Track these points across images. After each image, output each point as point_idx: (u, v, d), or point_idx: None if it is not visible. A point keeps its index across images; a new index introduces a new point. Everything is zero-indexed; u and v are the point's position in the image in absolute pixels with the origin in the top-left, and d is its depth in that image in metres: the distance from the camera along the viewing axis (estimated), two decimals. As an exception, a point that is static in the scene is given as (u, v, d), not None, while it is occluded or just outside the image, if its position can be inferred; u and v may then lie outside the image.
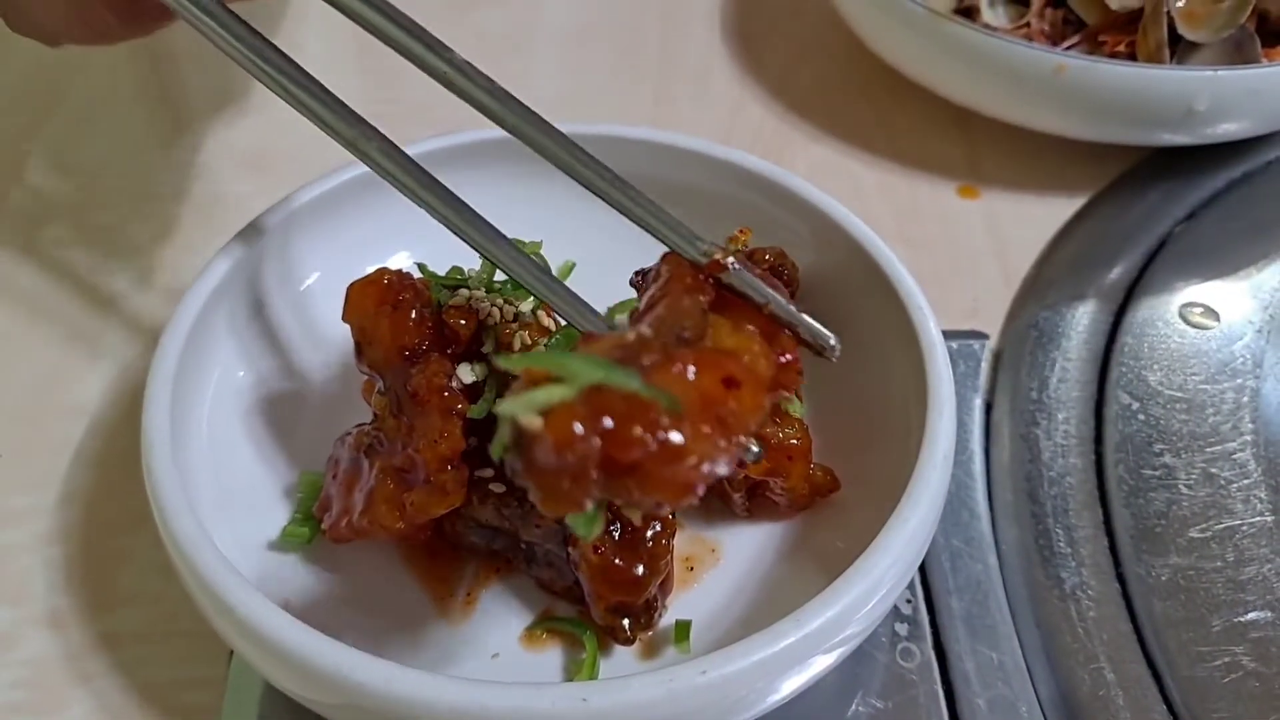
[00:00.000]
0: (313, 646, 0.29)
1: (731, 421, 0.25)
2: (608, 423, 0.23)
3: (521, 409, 0.23)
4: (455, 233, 0.35)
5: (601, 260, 0.45)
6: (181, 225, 0.54)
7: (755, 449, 0.27)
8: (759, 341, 0.29)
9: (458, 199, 0.35)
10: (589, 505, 0.24)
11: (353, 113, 0.36)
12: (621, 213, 0.34)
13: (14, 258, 0.52)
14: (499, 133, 0.45)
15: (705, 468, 0.24)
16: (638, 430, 0.23)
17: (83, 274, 0.51)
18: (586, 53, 0.66)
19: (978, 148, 0.59)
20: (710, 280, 0.30)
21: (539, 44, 0.67)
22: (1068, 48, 0.58)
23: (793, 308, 0.30)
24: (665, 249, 0.32)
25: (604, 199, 0.35)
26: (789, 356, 0.30)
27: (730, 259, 0.31)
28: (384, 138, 0.36)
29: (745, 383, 0.26)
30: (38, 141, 0.58)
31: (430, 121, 0.46)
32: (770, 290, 0.30)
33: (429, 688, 0.29)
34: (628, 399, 0.24)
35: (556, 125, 0.45)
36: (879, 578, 0.32)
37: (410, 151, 0.43)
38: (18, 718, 0.36)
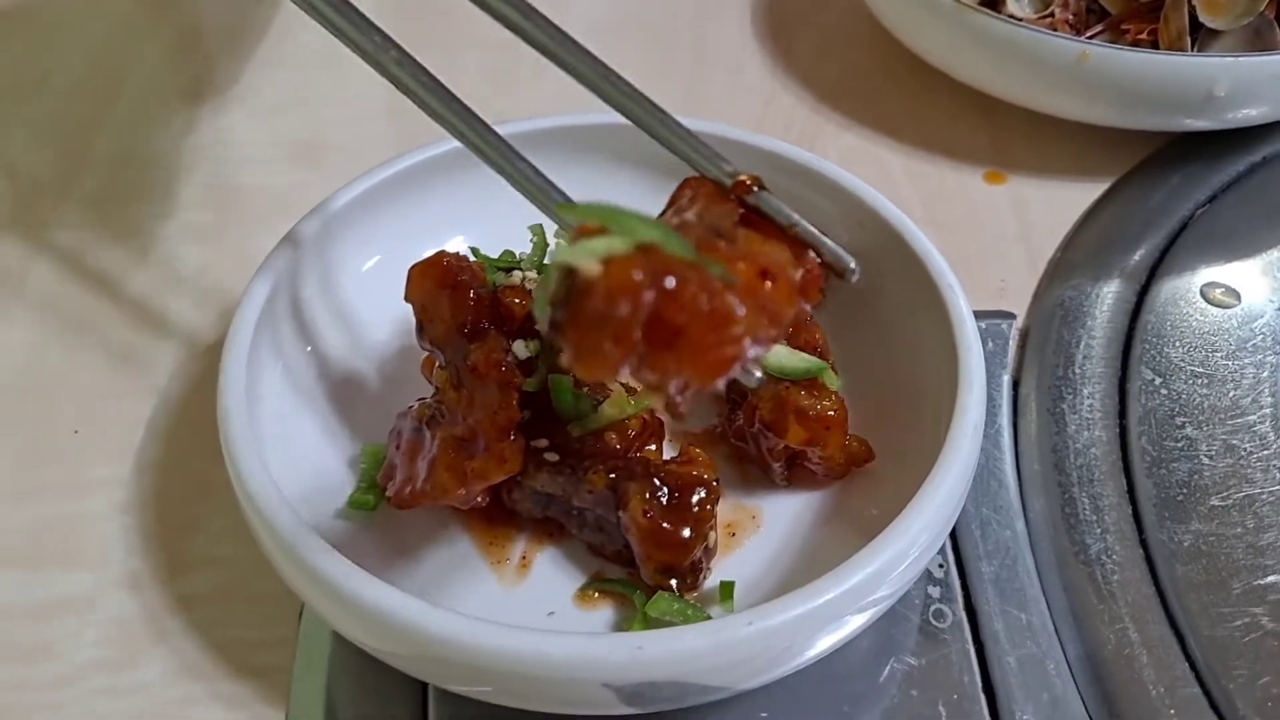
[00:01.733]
0: (390, 600, 0.32)
1: (771, 308, 0.26)
2: (667, 281, 0.23)
3: (581, 254, 0.23)
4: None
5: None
6: (238, 213, 0.56)
7: (759, 375, 0.28)
8: (786, 251, 0.30)
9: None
10: (623, 372, 0.23)
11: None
12: (655, 138, 0.35)
13: (83, 244, 0.54)
14: (549, 122, 0.47)
15: (747, 345, 0.24)
16: (694, 289, 0.23)
17: (148, 259, 0.54)
18: (618, 44, 0.67)
19: (1003, 134, 0.61)
20: (737, 200, 0.31)
21: (571, 33, 0.68)
22: (1091, 36, 0.59)
23: (815, 230, 0.31)
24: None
25: (637, 124, 0.36)
26: (811, 270, 0.30)
27: (755, 184, 0.31)
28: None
29: (779, 277, 0.27)
30: (100, 133, 0.61)
31: (485, 113, 0.48)
32: (794, 213, 0.31)
33: (495, 637, 0.31)
34: (682, 262, 0.24)
35: (591, 116, 0.48)
36: (912, 539, 0.34)
37: (454, 144, 0.46)
38: (103, 673, 0.39)
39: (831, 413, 0.38)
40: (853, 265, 0.32)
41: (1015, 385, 0.48)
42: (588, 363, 0.23)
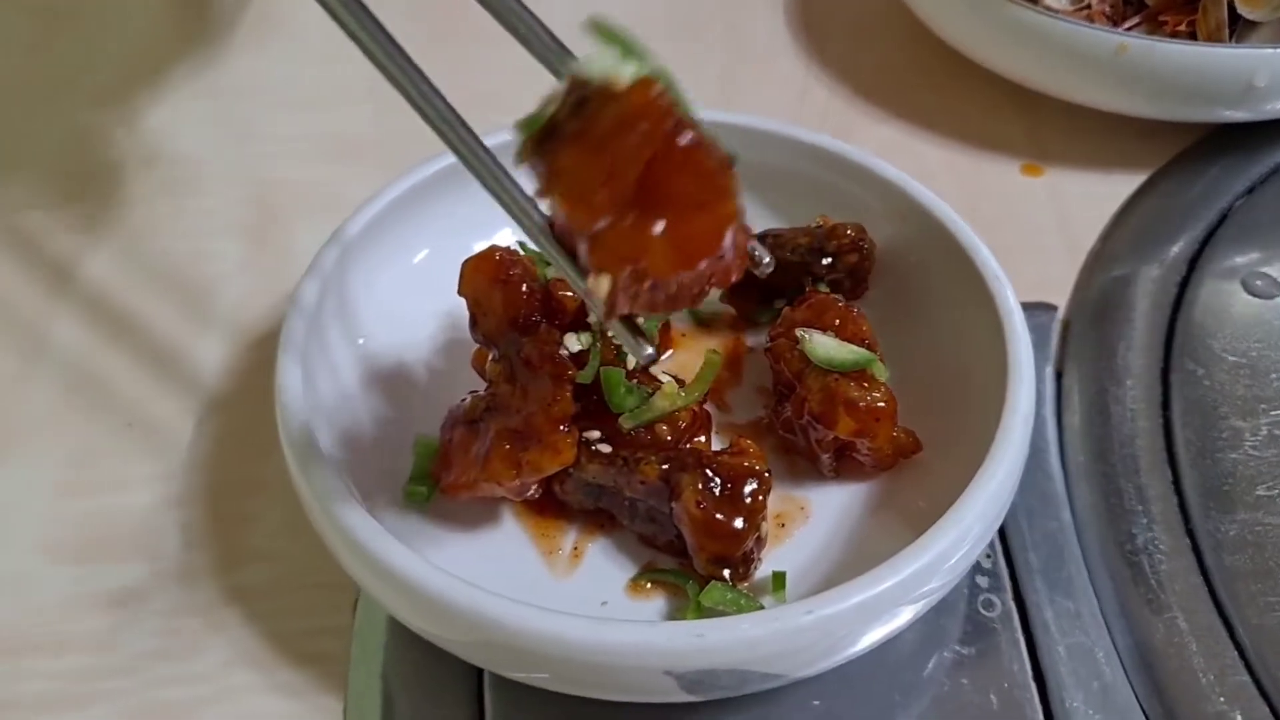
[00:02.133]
0: (453, 588, 0.32)
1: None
2: (684, 135, 0.22)
3: (608, 65, 0.22)
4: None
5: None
6: (280, 209, 0.57)
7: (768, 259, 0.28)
8: None
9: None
10: (599, 223, 0.22)
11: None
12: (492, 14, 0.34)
13: (128, 242, 0.55)
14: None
15: (733, 231, 0.24)
16: (706, 150, 0.22)
17: (192, 256, 0.54)
18: (651, 38, 0.68)
19: (1039, 127, 0.61)
20: None
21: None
22: (1128, 28, 0.59)
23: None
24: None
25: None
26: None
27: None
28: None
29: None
30: (132, 138, 0.61)
31: (507, 110, 0.48)
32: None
33: (556, 625, 0.32)
34: (696, 124, 0.23)
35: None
36: (967, 528, 0.34)
37: (503, 138, 0.46)
38: (162, 663, 0.39)
39: (881, 404, 0.39)
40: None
41: (1058, 377, 0.48)
42: (572, 197, 0.22)
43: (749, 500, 0.37)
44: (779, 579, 0.37)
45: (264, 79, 0.66)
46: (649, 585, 0.39)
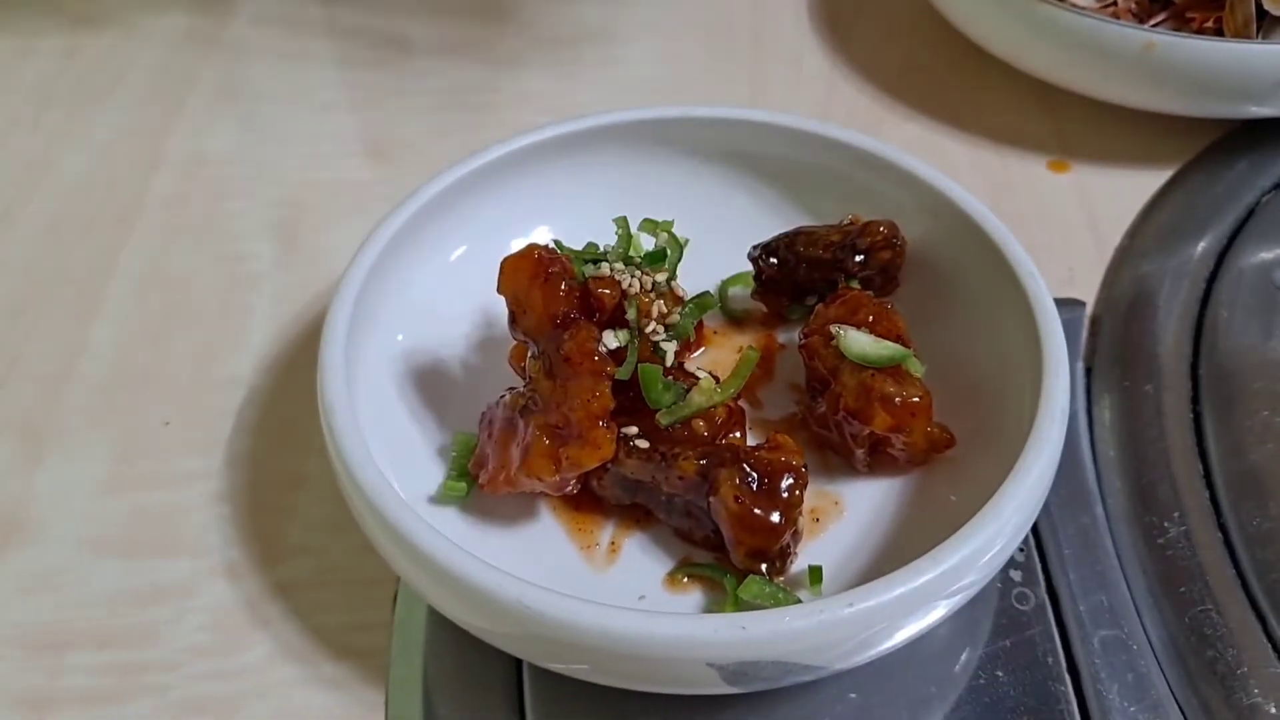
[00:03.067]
0: (497, 581, 0.33)
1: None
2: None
3: None
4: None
5: (721, 234, 0.48)
6: (313, 208, 0.57)
7: None
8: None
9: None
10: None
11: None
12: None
13: (164, 241, 0.56)
14: (626, 115, 0.48)
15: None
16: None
17: (228, 255, 0.55)
18: (678, 39, 0.69)
19: (1066, 123, 0.61)
20: None
21: (632, 31, 0.69)
22: (1154, 24, 0.59)
23: None
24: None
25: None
26: None
27: None
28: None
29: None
30: (172, 134, 0.62)
31: (538, 110, 0.49)
32: None
33: (601, 617, 0.32)
34: None
35: (667, 109, 0.49)
36: (1004, 521, 0.34)
37: (540, 137, 0.47)
38: (206, 657, 0.40)
39: (917, 399, 0.39)
40: None
41: (1088, 372, 0.48)
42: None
43: (786, 495, 0.37)
44: (815, 573, 0.38)
45: (289, 80, 0.67)
46: (686, 579, 0.39)
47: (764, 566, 0.37)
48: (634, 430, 0.39)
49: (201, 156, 0.61)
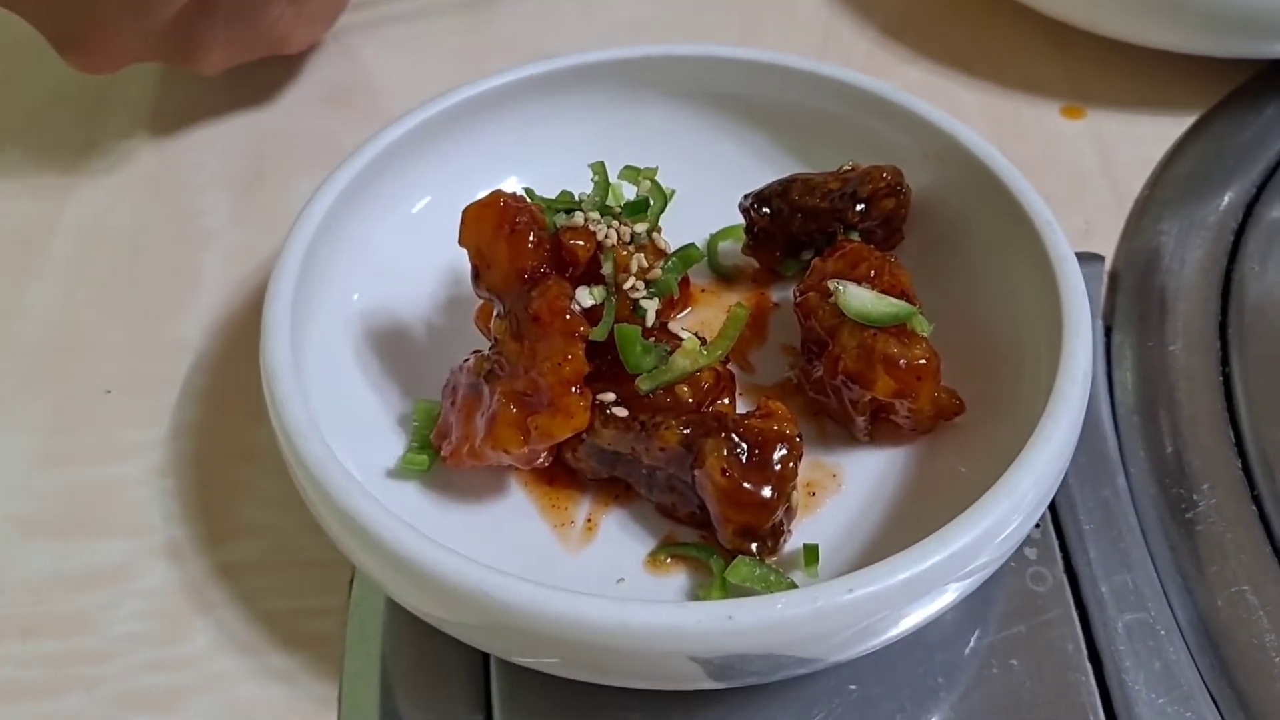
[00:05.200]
0: (453, 565, 0.29)
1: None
2: None
3: None
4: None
5: (709, 184, 0.45)
6: (274, 159, 0.54)
7: None
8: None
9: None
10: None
11: None
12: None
13: (111, 195, 0.52)
14: (604, 55, 0.45)
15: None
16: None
17: (180, 210, 0.52)
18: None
19: (1079, 66, 0.57)
20: None
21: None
22: (1176, -43, 0.55)
23: None
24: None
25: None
26: None
27: None
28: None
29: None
30: (118, 90, 0.58)
31: (520, 55, 0.46)
32: None
33: (570, 606, 0.29)
34: None
35: (650, 48, 0.45)
36: (1022, 495, 0.31)
37: (511, 78, 0.44)
38: (143, 647, 0.37)
39: (923, 361, 0.36)
40: None
41: (1108, 332, 0.45)
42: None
43: (778, 467, 0.34)
44: (811, 552, 0.35)
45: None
46: (669, 560, 0.36)
47: (754, 546, 0.35)
48: (611, 397, 0.36)
49: (155, 104, 0.57)
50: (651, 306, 0.38)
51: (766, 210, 0.42)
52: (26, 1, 0.43)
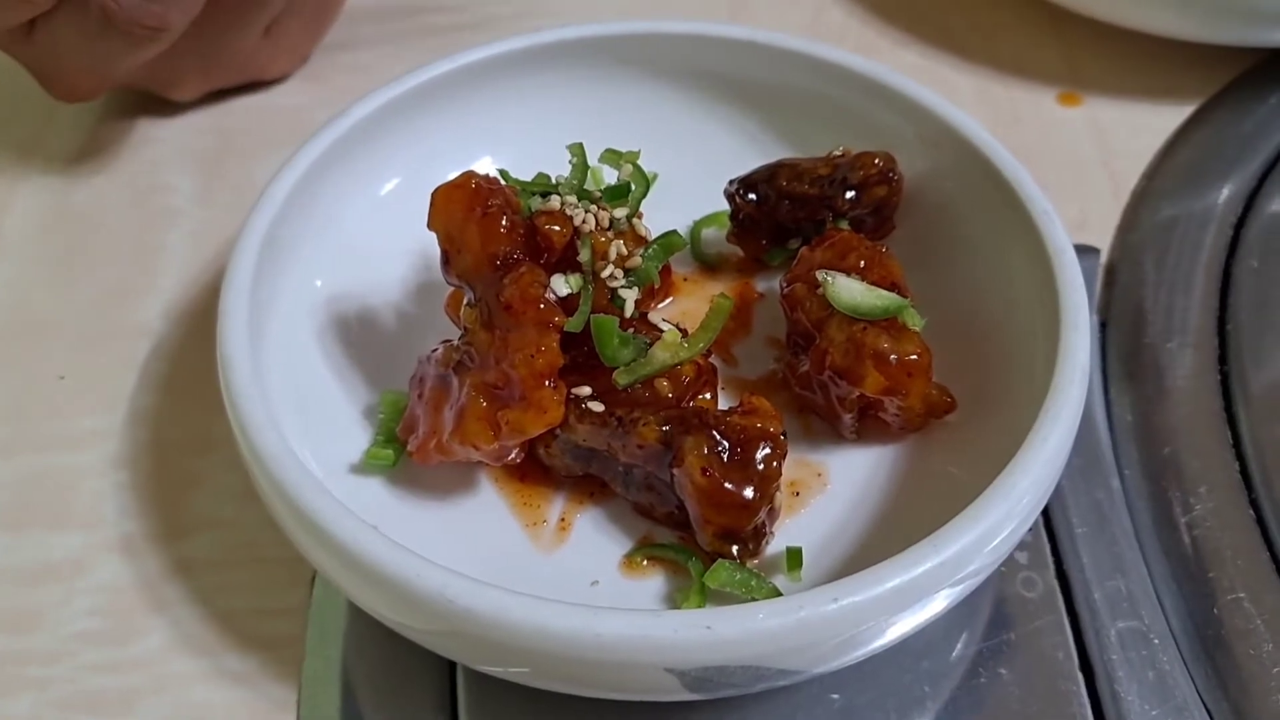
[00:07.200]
0: (415, 569, 0.28)
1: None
2: None
3: None
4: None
5: (693, 168, 0.43)
6: (238, 136, 0.52)
7: None
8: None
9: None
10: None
11: None
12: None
13: (69, 172, 0.51)
14: (585, 30, 0.43)
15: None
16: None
17: (141, 188, 0.50)
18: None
19: (1076, 51, 0.56)
20: None
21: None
22: (1177, -60, 0.54)
23: None
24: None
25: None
26: None
27: None
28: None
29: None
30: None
31: (504, 33, 0.44)
32: None
33: (538, 614, 0.27)
34: None
35: (633, 24, 0.44)
36: (1018, 498, 0.30)
37: (485, 54, 0.42)
38: (94, 646, 0.35)
39: (914, 357, 0.34)
40: None
41: (1103, 327, 0.43)
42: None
43: (761, 466, 0.33)
44: (794, 556, 0.33)
45: None
46: (645, 562, 0.35)
47: (735, 549, 0.34)
48: (586, 391, 0.35)
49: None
50: (630, 296, 0.36)
51: (753, 196, 0.41)
52: (9, 43, 0.45)
